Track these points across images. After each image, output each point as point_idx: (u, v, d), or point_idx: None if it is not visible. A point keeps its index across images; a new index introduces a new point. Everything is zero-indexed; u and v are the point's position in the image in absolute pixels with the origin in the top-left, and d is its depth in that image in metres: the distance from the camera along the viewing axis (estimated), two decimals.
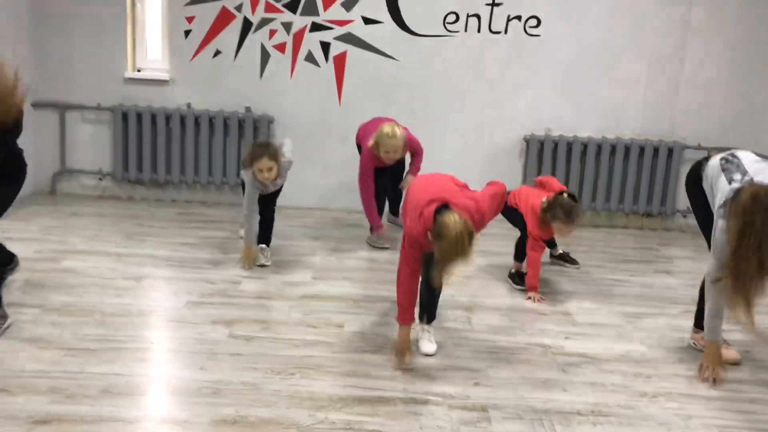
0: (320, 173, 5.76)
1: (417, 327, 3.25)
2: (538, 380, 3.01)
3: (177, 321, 3.43)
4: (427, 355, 3.17)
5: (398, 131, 4.57)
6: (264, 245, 4.40)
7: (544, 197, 4.00)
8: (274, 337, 3.30)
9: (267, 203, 4.39)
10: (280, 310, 3.66)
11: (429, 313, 3.33)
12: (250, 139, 5.61)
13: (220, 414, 2.58)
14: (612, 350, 3.38)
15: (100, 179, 5.90)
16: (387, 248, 4.80)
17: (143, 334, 3.30)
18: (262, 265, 4.28)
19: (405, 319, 3.09)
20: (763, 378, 3.16)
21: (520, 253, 4.24)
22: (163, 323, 3.42)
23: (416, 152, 4.89)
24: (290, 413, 2.61)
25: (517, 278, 4.23)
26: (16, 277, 3.64)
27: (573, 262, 4.70)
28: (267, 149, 4.12)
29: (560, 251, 4.73)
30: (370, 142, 4.64)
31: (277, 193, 4.43)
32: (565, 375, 3.08)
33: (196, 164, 5.78)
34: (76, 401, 2.62)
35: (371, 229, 4.95)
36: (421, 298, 3.25)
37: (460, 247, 2.73)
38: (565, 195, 3.94)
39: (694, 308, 3.50)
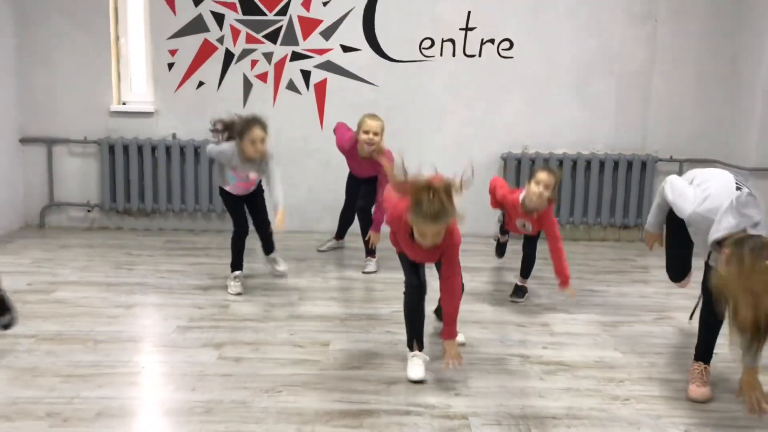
0: (304, 197, 5.91)
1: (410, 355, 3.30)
2: (516, 388, 3.14)
3: (167, 346, 3.54)
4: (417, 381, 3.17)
5: (379, 118, 4.73)
6: (272, 254, 4.57)
7: (520, 193, 4.15)
8: (262, 357, 3.41)
9: (255, 212, 4.41)
10: (268, 331, 3.78)
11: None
12: None
13: (212, 431, 2.69)
14: (587, 357, 3.52)
15: (89, 211, 6.02)
16: (375, 272, 4.92)
17: (135, 359, 3.40)
18: (282, 274, 4.58)
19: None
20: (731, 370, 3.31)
21: (527, 272, 4.41)
22: (154, 348, 3.53)
23: (379, 180, 4.77)
24: (279, 428, 2.73)
25: (520, 292, 4.38)
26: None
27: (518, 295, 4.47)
28: (259, 120, 4.11)
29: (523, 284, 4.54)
30: (355, 131, 4.80)
31: (261, 199, 4.43)
32: (542, 382, 3.21)
33: (183, 193, 5.92)
34: (73, 425, 2.73)
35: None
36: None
37: (434, 195, 2.81)
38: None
39: (666, 315, 3.66)
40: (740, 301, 2.50)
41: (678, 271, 3.73)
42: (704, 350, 3.21)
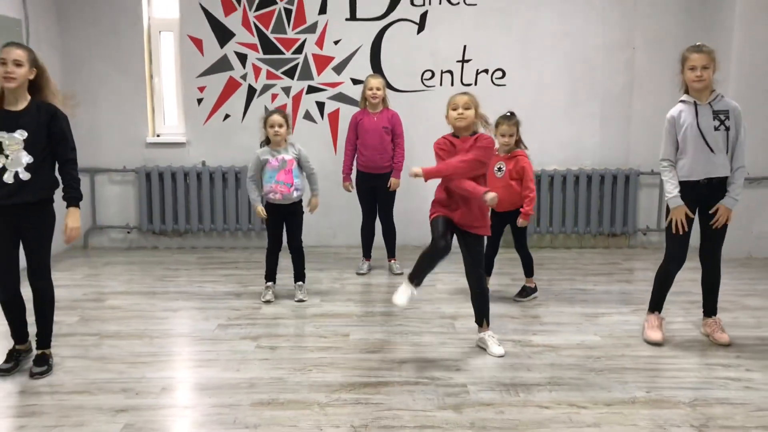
0: (320, 214, 6.51)
1: (481, 335, 3.93)
2: (508, 365, 3.74)
3: (212, 339, 4.16)
4: (500, 356, 3.80)
5: (379, 76, 5.70)
6: (300, 282, 5.02)
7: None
8: (293, 346, 4.03)
9: (290, 232, 4.93)
10: (296, 326, 4.40)
11: (486, 317, 3.96)
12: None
13: (257, 399, 3.30)
14: (570, 341, 4.11)
15: (128, 232, 6.69)
16: (364, 274, 5.64)
17: (186, 349, 4.03)
18: (300, 300, 4.90)
19: None
20: (686, 345, 3.89)
21: (529, 270, 4.97)
22: (201, 341, 4.15)
23: (397, 133, 5.60)
24: (311, 396, 3.34)
25: (525, 292, 4.95)
26: (72, 318, 4.38)
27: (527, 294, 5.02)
28: (278, 110, 4.88)
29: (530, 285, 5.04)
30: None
31: (299, 225, 4.93)
32: (530, 359, 3.81)
33: (212, 214, 6.59)
34: (144, 397, 3.34)
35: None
36: (474, 305, 3.94)
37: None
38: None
39: (643, 307, 4.26)
40: None
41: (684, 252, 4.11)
42: (656, 301, 4.13)
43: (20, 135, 3.44)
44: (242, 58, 6.48)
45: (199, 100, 6.55)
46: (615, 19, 6.51)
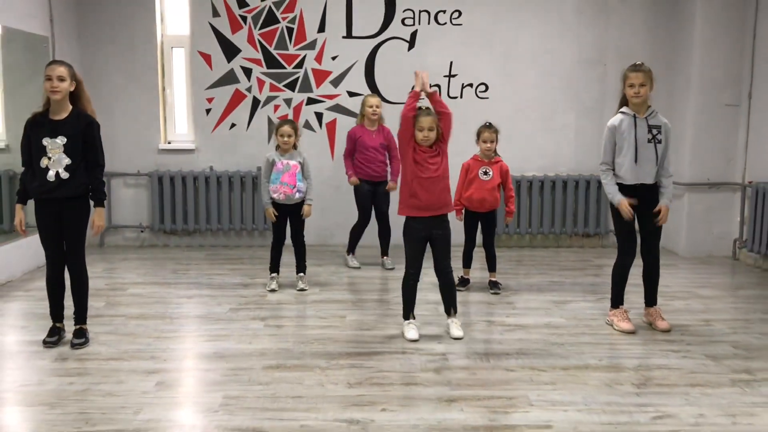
0: (318, 216, 7.13)
1: (447, 321, 4.43)
2: (482, 339, 4.33)
3: (225, 320, 4.74)
4: (457, 338, 4.26)
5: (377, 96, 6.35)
6: (301, 273, 5.58)
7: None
8: (297, 325, 4.63)
9: (294, 227, 5.48)
10: (299, 310, 4.99)
11: (453, 307, 4.40)
12: None
13: (267, 364, 3.88)
14: (539, 322, 4.70)
15: (142, 231, 7.27)
16: (359, 268, 6.26)
17: (203, 327, 4.61)
18: (302, 290, 5.45)
19: None
20: (639, 326, 4.49)
21: (467, 261, 5.57)
22: (216, 321, 4.72)
23: (392, 146, 6.13)
24: (314, 361, 3.92)
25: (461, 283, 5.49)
26: (99, 303, 4.95)
27: (498, 288, 5.50)
28: (289, 121, 5.46)
29: (494, 279, 5.57)
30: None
31: (302, 222, 5.47)
32: (501, 336, 4.40)
33: (219, 215, 7.17)
34: (171, 363, 3.93)
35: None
36: (442, 296, 4.43)
37: None
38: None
39: (607, 296, 4.86)
40: None
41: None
42: (617, 296, 4.62)
43: (61, 141, 4.03)
44: (247, 72, 7.09)
45: (208, 111, 7.15)
46: (588, 39, 7.14)
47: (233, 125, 7.17)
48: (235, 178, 7.12)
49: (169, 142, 7.29)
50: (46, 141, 4.02)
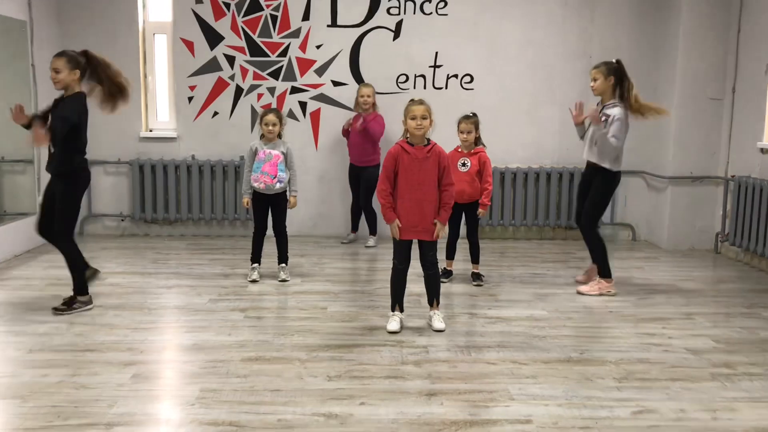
0: (301, 206, 7.05)
1: (430, 312, 4.40)
2: (464, 332, 4.31)
3: (205, 311, 4.68)
4: (438, 331, 4.24)
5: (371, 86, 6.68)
6: (283, 264, 5.51)
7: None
8: (277, 316, 4.58)
9: (275, 217, 5.42)
10: (280, 301, 4.95)
11: (436, 298, 4.39)
12: None
13: (246, 356, 3.83)
14: (520, 314, 4.69)
15: (122, 220, 7.17)
16: (346, 243, 6.58)
17: (182, 318, 4.55)
18: (283, 281, 5.40)
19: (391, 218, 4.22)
20: (621, 318, 4.49)
21: (451, 253, 5.55)
22: (195, 312, 4.66)
23: (371, 128, 6.46)
24: (294, 354, 3.88)
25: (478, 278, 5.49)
26: None
27: (480, 279, 5.52)
28: (274, 110, 5.42)
29: (476, 270, 5.57)
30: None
31: (283, 209, 5.42)
32: (483, 328, 4.38)
33: (201, 204, 7.09)
34: (148, 354, 3.87)
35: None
36: (426, 288, 4.40)
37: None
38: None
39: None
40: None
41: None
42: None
43: (49, 120, 4.47)
44: (230, 59, 6.99)
45: (190, 98, 7.05)
46: (574, 31, 7.12)
47: (216, 114, 7.08)
48: (218, 167, 7.04)
49: (150, 130, 7.19)
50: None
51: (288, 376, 3.57)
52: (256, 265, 5.52)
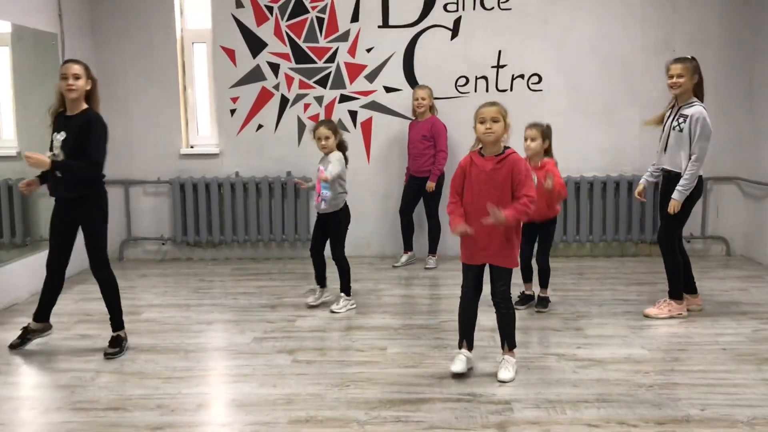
0: (354, 224, 6.41)
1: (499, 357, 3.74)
2: (553, 380, 3.60)
3: (247, 353, 4.10)
4: (503, 381, 3.55)
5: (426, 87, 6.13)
6: (343, 293, 4.92)
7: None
8: (330, 360, 3.95)
9: (331, 249, 4.91)
10: (332, 339, 4.32)
11: (508, 341, 3.69)
12: (292, 200, 6.42)
13: (294, 416, 3.22)
14: (617, 354, 3.95)
15: (163, 244, 6.68)
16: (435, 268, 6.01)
17: (222, 364, 3.97)
18: (333, 312, 4.84)
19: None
20: (739, 359, 3.71)
21: (527, 275, 4.88)
22: (237, 355, 4.08)
23: (438, 135, 5.96)
24: (350, 413, 3.24)
25: (544, 302, 4.84)
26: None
27: (544, 305, 4.87)
28: (326, 122, 4.92)
29: (543, 294, 4.90)
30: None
31: (335, 235, 4.89)
32: (575, 375, 3.66)
33: (246, 225, 6.55)
34: (179, 414, 3.28)
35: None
36: (498, 326, 3.71)
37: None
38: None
39: (692, 319, 4.09)
40: None
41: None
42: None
43: (60, 136, 3.92)
44: (274, 67, 6.45)
45: (232, 111, 6.53)
46: (654, 21, 6.33)
47: (260, 126, 6.53)
48: (263, 185, 6.48)
49: (191, 147, 6.69)
50: (54, 136, 3.97)
51: None
52: (315, 287, 5.05)
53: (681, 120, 4.50)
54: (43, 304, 4.23)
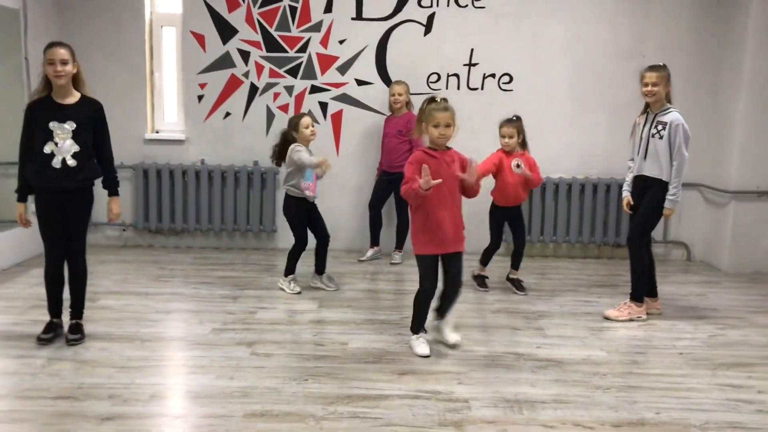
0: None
1: (438, 323, 4.05)
2: (511, 379, 3.61)
3: (206, 344, 4.02)
4: (455, 344, 3.95)
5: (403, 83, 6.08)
6: (325, 274, 5.23)
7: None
8: (289, 354, 3.90)
9: (323, 229, 5.25)
10: (293, 332, 4.27)
11: (449, 310, 4.05)
12: (259, 190, 6.34)
13: (250, 410, 3.17)
14: (575, 355, 3.97)
15: (124, 230, 6.55)
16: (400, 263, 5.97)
17: (179, 354, 3.90)
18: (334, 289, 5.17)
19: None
20: (695, 364, 3.76)
21: (488, 258, 5.21)
22: (194, 346, 4.00)
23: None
24: (306, 408, 3.20)
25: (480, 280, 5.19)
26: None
27: (521, 289, 5.26)
28: (303, 113, 5.05)
29: (515, 276, 5.31)
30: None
31: (318, 211, 5.21)
32: (534, 375, 3.67)
33: (210, 214, 6.45)
34: (131, 404, 3.21)
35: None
36: (442, 301, 4.00)
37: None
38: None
39: (652, 322, 4.13)
40: None
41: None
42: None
43: (69, 126, 3.80)
44: (245, 55, 6.35)
45: (200, 97, 6.42)
46: (626, 27, 6.38)
47: (228, 114, 6.43)
48: (229, 173, 6.39)
49: (156, 132, 6.56)
50: (53, 125, 3.79)
51: None
52: (292, 275, 5.17)
53: (660, 127, 4.52)
54: (54, 299, 4.10)
